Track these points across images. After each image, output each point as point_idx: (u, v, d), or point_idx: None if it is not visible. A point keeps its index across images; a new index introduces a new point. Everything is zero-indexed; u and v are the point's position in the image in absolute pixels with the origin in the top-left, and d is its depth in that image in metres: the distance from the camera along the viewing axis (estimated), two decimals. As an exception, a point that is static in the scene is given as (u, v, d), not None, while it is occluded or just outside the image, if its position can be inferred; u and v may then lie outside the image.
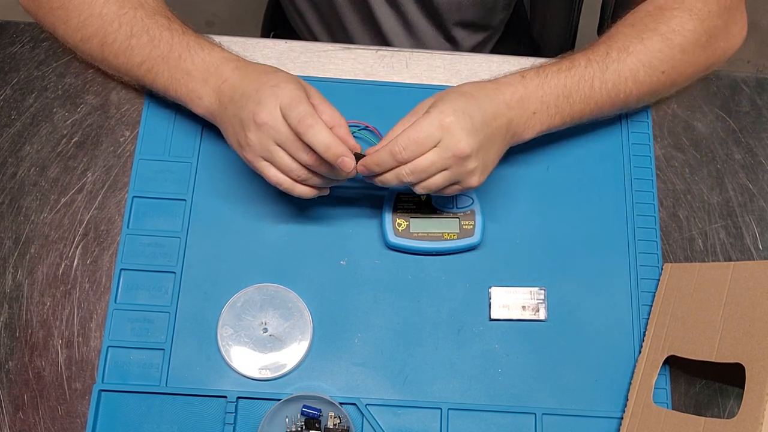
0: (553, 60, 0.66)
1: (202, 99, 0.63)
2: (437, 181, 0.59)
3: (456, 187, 0.60)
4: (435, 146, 0.57)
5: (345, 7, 0.86)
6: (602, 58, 0.64)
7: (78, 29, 0.66)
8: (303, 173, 0.59)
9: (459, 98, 0.59)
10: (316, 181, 0.60)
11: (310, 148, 0.56)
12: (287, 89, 0.57)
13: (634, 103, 0.68)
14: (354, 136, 0.60)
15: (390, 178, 0.59)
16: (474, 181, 0.59)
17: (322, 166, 0.58)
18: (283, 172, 0.59)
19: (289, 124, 0.56)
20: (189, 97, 0.64)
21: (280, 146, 0.58)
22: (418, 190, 0.60)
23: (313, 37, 0.94)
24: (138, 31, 0.64)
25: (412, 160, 0.57)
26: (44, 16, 0.69)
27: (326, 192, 0.63)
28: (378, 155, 0.58)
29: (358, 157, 0.59)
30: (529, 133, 0.64)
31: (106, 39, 0.65)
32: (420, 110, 0.60)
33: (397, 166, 0.58)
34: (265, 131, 0.57)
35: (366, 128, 0.71)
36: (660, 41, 0.65)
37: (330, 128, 0.57)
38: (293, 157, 0.58)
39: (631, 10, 0.69)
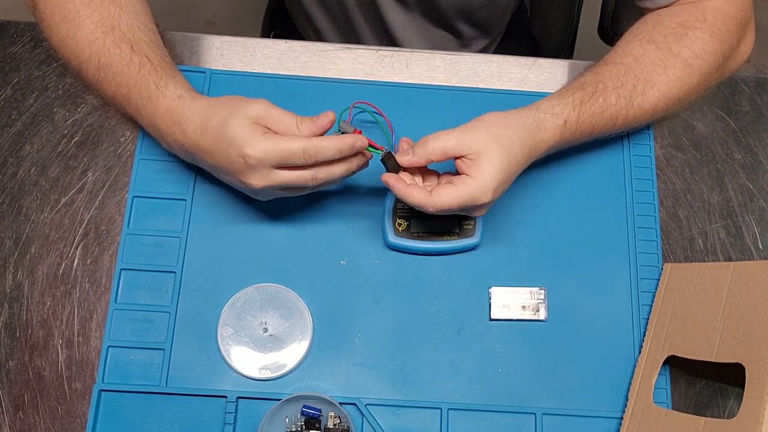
0: (588, 87, 0.65)
1: (170, 147, 0.64)
2: (450, 210, 0.60)
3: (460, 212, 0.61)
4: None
5: (354, 10, 0.86)
6: (629, 93, 0.65)
7: (58, 47, 0.66)
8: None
9: (498, 164, 0.58)
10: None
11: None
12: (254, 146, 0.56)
13: (643, 126, 0.71)
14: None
15: (416, 198, 0.59)
16: (481, 213, 0.62)
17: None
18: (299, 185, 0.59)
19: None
20: (161, 140, 0.64)
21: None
22: (428, 210, 0.60)
23: (319, 38, 0.94)
24: (104, 64, 0.63)
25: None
26: (37, 20, 0.69)
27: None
28: (412, 197, 0.58)
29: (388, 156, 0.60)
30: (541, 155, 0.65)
31: (81, 65, 0.65)
32: (460, 137, 0.59)
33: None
34: (259, 170, 0.57)
35: (375, 111, 0.70)
36: (682, 69, 0.65)
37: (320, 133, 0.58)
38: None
39: (651, 19, 0.69)
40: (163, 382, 0.63)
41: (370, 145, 0.60)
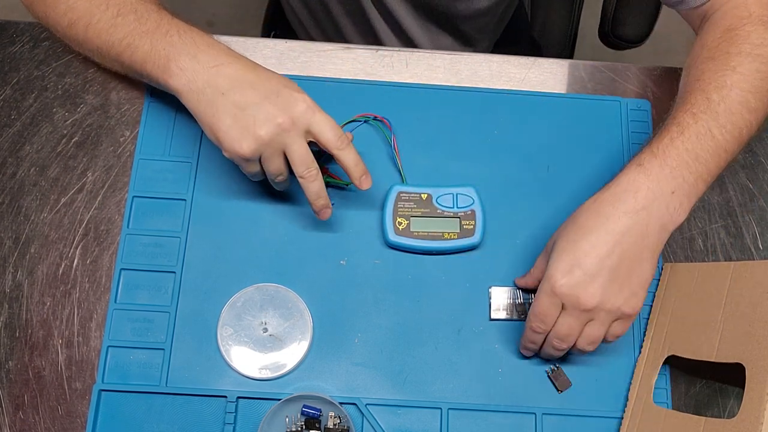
0: (660, 130, 0.60)
1: (184, 72, 0.59)
2: (593, 333, 0.59)
3: (619, 323, 0.59)
4: (563, 309, 0.58)
5: (341, 16, 0.86)
6: (705, 105, 0.59)
7: (65, 13, 0.63)
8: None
9: (567, 249, 0.58)
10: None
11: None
12: (322, 117, 0.59)
13: (755, 133, 0.62)
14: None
15: (550, 353, 0.62)
16: (629, 309, 0.58)
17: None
18: (278, 170, 0.60)
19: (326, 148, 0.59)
20: (167, 67, 0.59)
21: (285, 150, 0.59)
22: (587, 348, 0.60)
23: (310, 39, 0.94)
24: (125, 11, 0.61)
25: (552, 328, 0.59)
26: (36, 4, 0.66)
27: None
28: (525, 337, 0.62)
29: None
30: (681, 215, 0.58)
31: (92, 20, 0.62)
32: (542, 257, 0.63)
33: (545, 336, 0.60)
34: (282, 136, 0.58)
35: (376, 119, 0.71)
36: (751, 61, 0.60)
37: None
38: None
39: (697, 45, 0.65)
40: (163, 382, 0.63)
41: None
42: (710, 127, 0.58)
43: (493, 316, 0.66)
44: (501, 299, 0.66)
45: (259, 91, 0.58)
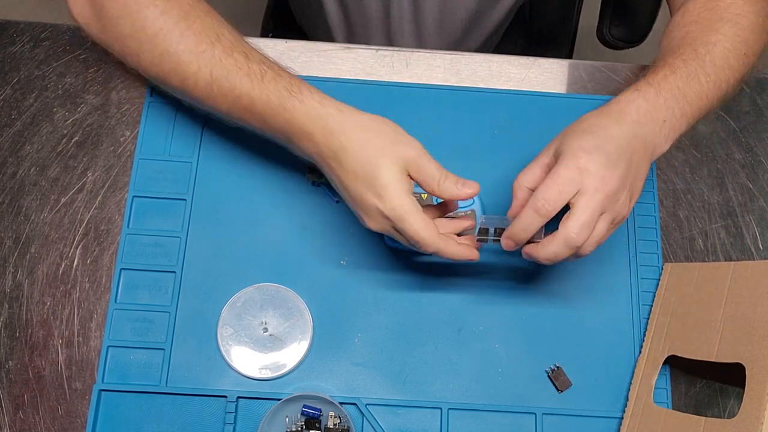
0: (646, 72, 0.63)
1: (299, 152, 0.60)
2: (601, 229, 0.55)
3: (611, 226, 0.56)
4: (578, 192, 0.53)
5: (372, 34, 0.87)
6: (693, 55, 0.62)
7: (152, 65, 0.61)
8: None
9: (584, 136, 0.55)
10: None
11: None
12: (406, 226, 0.54)
13: (731, 92, 0.65)
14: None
15: (555, 249, 0.54)
16: (626, 211, 0.56)
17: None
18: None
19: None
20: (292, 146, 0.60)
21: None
22: (586, 249, 0.55)
23: (327, 34, 0.92)
24: (218, 77, 0.58)
25: (556, 211, 0.54)
26: (111, 42, 0.63)
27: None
28: (522, 218, 0.54)
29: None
30: (665, 143, 0.60)
31: (187, 81, 0.60)
32: (542, 158, 0.58)
33: (543, 224, 0.54)
34: (387, 231, 0.57)
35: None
36: (732, 26, 0.64)
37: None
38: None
39: (677, 14, 0.68)
40: (163, 382, 0.63)
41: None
42: (698, 73, 0.61)
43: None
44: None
45: (339, 182, 0.57)
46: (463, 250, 0.58)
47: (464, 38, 0.89)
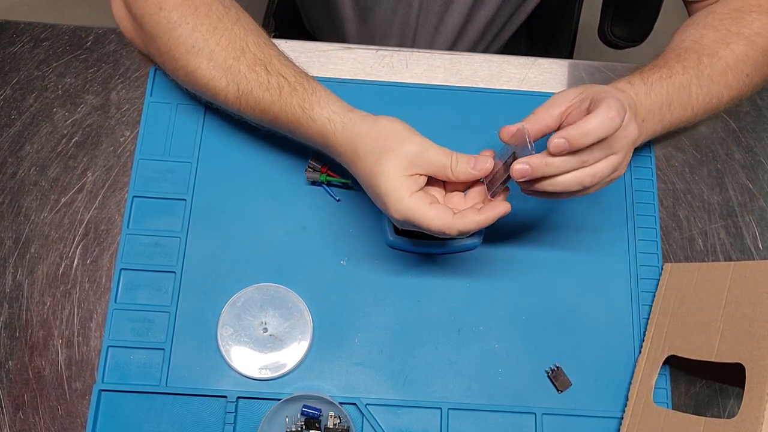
0: (647, 65, 0.64)
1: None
2: (605, 168, 0.54)
3: (606, 179, 0.56)
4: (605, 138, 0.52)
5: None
6: (695, 64, 0.63)
7: (188, 81, 0.64)
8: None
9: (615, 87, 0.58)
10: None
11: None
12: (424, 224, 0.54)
13: (722, 107, 0.67)
14: None
15: (595, 124, 0.51)
16: (623, 171, 0.56)
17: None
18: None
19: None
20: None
21: None
22: (586, 180, 0.54)
23: (337, 33, 0.92)
24: (244, 91, 0.61)
25: (617, 128, 0.52)
26: (154, 56, 0.67)
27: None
28: (592, 121, 0.51)
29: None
30: (636, 143, 0.59)
31: (218, 96, 0.63)
32: (567, 97, 0.56)
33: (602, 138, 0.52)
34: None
35: None
36: (746, 45, 0.65)
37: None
38: None
39: (702, 11, 0.69)
40: (163, 382, 0.63)
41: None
42: (691, 84, 0.63)
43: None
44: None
45: (362, 184, 0.58)
46: (488, 214, 0.55)
47: (477, 44, 0.90)
